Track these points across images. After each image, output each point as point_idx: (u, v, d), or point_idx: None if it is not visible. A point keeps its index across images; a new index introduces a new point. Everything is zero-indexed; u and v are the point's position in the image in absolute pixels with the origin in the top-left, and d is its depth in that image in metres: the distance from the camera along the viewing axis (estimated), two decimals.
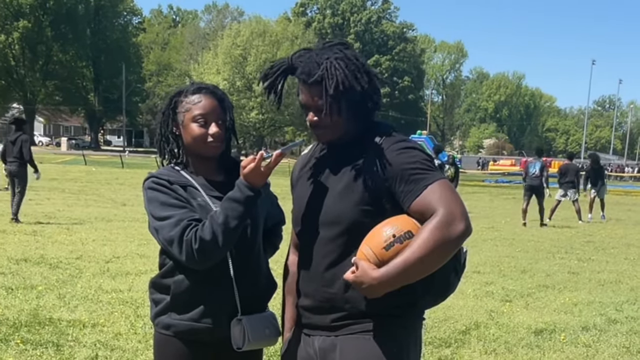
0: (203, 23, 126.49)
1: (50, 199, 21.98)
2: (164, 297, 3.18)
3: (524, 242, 16.87)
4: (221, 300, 3.15)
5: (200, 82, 3.34)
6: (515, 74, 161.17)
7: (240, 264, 3.17)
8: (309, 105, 2.84)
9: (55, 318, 7.67)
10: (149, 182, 3.15)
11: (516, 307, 9.58)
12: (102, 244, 13.39)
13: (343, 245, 2.82)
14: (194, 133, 3.15)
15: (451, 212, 2.59)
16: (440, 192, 2.64)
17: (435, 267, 2.64)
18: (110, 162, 54.60)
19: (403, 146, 2.77)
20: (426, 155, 2.77)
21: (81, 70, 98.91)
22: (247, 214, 2.97)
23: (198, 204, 3.09)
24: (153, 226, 3.06)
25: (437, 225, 2.57)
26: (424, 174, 2.68)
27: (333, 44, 2.87)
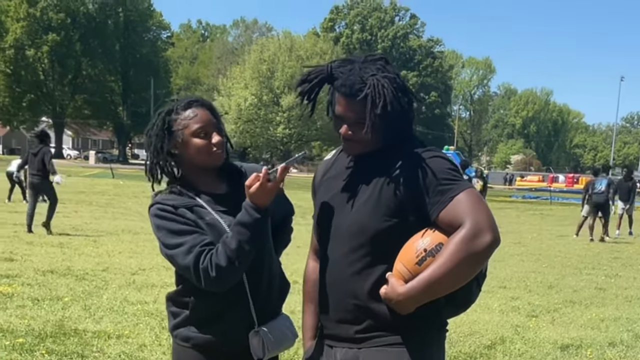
0: (231, 38, 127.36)
1: (78, 211, 22.13)
2: (182, 310, 3.19)
3: (551, 257, 16.76)
4: (238, 314, 3.15)
5: (184, 97, 3.31)
6: (544, 90, 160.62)
7: (255, 273, 3.17)
8: (346, 118, 2.81)
9: (80, 329, 7.70)
10: (154, 210, 3.14)
11: (542, 322, 9.51)
12: (128, 256, 13.46)
13: (367, 256, 2.79)
14: (197, 146, 3.12)
15: (478, 224, 2.56)
16: (467, 203, 2.61)
17: (465, 280, 2.63)
18: (138, 176, 54.69)
19: (429, 156, 2.74)
20: (453, 165, 2.74)
21: (110, 84, 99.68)
22: (258, 235, 2.97)
23: (207, 223, 3.07)
24: (165, 254, 3.06)
25: (463, 238, 2.55)
26: (450, 185, 2.65)
27: (375, 59, 2.84)
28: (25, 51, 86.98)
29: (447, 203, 2.62)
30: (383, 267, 2.76)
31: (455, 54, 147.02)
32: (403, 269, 2.66)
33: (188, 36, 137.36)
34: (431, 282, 2.58)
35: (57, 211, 16.81)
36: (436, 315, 2.82)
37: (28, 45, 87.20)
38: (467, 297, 2.83)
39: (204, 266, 2.90)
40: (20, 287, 9.72)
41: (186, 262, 2.94)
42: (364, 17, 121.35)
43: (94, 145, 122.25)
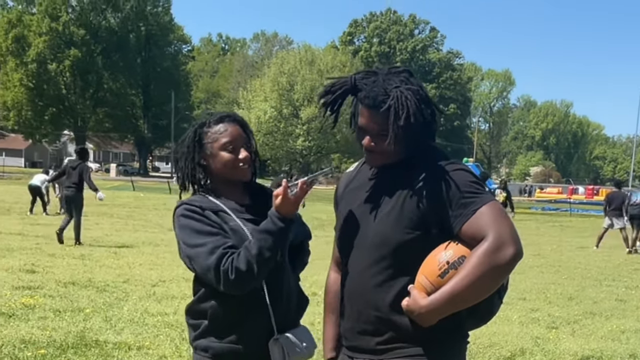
0: (251, 51, 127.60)
1: (99, 224, 22.24)
2: (202, 321, 3.21)
3: (571, 269, 16.70)
4: (258, 322, 3.17)
5: (219, 112, 3.38)
6: (563, 102, 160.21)
7: (274, 286, 3.19)
8: (369, 130, 2.83)
9: (101, 340, 7.75)
10: (180, 210, 3.19)
11: (562, 334, 9.49)
12: (148, 268, 13.53)
13: (389, 268, 2.80)
14: (224, 160, 3.20)
15: (501, 236, 2.57)
16: (490, 216, 2.62)
17: (487, 293, 2.64)
18: (158, 188, 55.02)
19: (453, 169, 2.75)
20: (476, 178, 2.75)
21: (131, 97, 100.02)
22: (280, 244, 3.00)
23: (230, 228, 3.11)
24: (186, 254, 3.09)
25: (485, 252, 2.56)
26: (473, 198, 2.67)
27: (399, 71, 2.86)
28: (48, 65, 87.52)
29: (470, 216, 2.63)
30: (405, 280, 2.77)
31: (475, 67, 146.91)
32: (425, 281, 2.67)
33: (208, 50, 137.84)
34: (454, 295, 2.59)
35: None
36: (458, 327, 2.82)
37: (50, 59, 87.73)
38: (489, 309, 2.83)
39: (225, 268, 2.94)
40: (42, 299, 9.79)
41: (208, 262, 2.97)
42: (382, 30, 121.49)
43: (115, 158, 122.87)
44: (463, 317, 2.77)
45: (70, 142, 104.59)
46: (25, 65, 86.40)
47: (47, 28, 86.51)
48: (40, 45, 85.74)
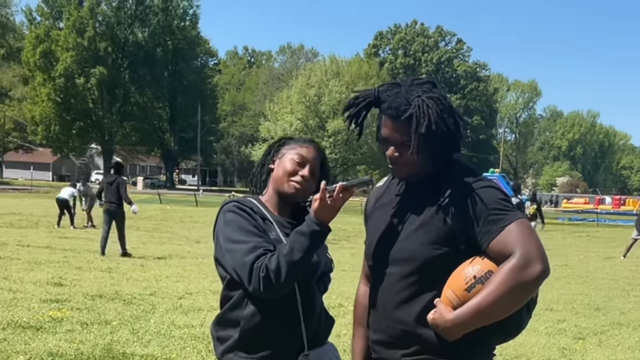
0: (277, 64, 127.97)
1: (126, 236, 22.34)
2: (231, 334, 3.18)
3: (598, 279, 16.61)
4: (290, 337, 3.16)
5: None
6: (590, 112, 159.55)
7: (307, 302, 3.18)
8: (392, 141, 2.83)
9: (128, 353, 7.80)
10: (229, 206, 3.18)
11: (589, 344, 9.44)
12: (175, 280, 13.59)
13: (416, 284, 2.81)
14: (285, 168, 3.21)
15: (528, 253, 2.57)
16: (517, 233, 2.61)
17: (513, 309, 2.63)
18: (185, 201, 55.25)
19: (481, 186, 2.75)
20: (504, 194, 2.75)
21: (158, 111, 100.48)
22: (312, 248, 2.96)
23: (273, 238, 3.10)
24: (225, 248, 3.07)
25: (513, 268, 2.55)
26: (502, 215, 2.66)
27: (422, 82, 2.87)
28: (75, 80, 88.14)
29: (498, 233, 2.63)
30: (431, 294, 2.77)
31: (501, 77, 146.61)
32: (452, 295, 2.67)
33: (234, 63, 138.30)
34: (479, 310, 2.59)
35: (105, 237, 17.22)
36: (484, 340, 2.81)
37: (78, 74, 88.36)
38: (517, 324, 2.82)
39: (258, 266, 2.93)
40: (70, 312, 9.86)
41: (245, 259, 2.96)
42: (407, 42, 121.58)
43: (142, 171, 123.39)
44: (489, 331, 2.74)
45: (98, 156, 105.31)
46: (53, 80, 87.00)
47: (74, 43, 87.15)
48: (67, 60, 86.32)
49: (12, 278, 12.81)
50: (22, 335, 8.35)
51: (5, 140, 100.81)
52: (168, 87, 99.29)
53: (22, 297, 10.89)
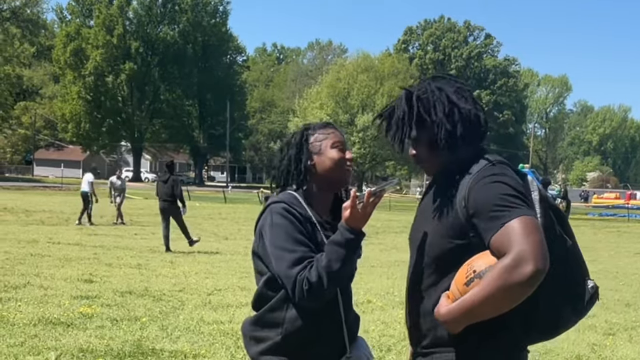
0: (306, 60, 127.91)
1: (155, 233, 22.36)
2: (270, 335, 3.16)
3: (629, 275, 16.48)
4: (332, 338, 3.18)
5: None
6: (621, 106, 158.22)
7: (347, 302, 3.22)
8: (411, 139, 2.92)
9: (157, 349, 7.83)
10: (279, 208, 3.14)
11: (619, 340, 9.37)
12: (204, 276, 13.64)
13: (432, 275, 2.83)
14: (334, 157, 3.23)
15: (520, 253, 2.46)
16: (516, 231, 2.52)
17: (503, 308, 2.56)
18: (214, 197, 55.43)
19: (490, 180, 2.69)
20: (513, 189, 2.64)
21: (187, 108, 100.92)
22: (349, 256, 2.97)
23: (317, 242, 3.11)
24: (272, 253, 3.06)
25: (503, 267, 2.48)
26: (504, 211, 2.58)
27: (440, 76, 2.96)
28: (105, 78, 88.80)
29: (498, 229, 2.56)
30: (445, 286, 2.77)
31: (531, 72, 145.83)
32: (454, 288, 2.68)
33: (263, 59, 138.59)
34: (468, 306, 2.57)
35: (135, 233, 17.40)
36: (497, 332, 2.74)
37: (108, 71, 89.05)
38: (553, 324, 2.79)
39: (301, 278, 2.94)
40: (100, 308, 9.92)
41: (292, 271, 2.97)
42: (437, 37, 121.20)
43: None
44: (507, 322, 2.70)
45: (127, 153, 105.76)
46: (83, 78, 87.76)
47: (104, 41, 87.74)
48: (97, 58, 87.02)
49: (43, 275, 12.90)
50: (53, 332, 8.41)
51: (36, 138, 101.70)
52: (197, 84, 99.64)
53: (53, 293, 10.97)
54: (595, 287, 2.77)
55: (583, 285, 2.75)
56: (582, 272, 2.78)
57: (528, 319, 2.70)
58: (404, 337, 8.78)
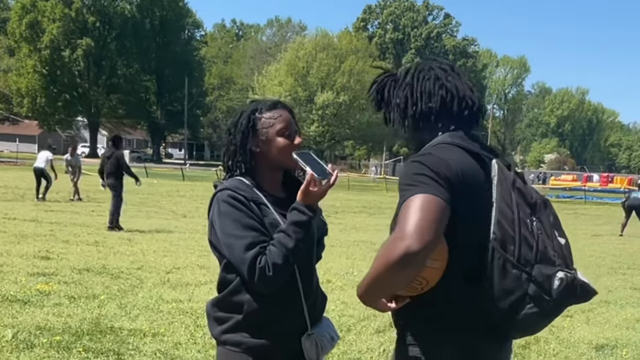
0: (265, 37, 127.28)
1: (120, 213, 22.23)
2: (232, 315, 3.17)
3: (586, 257, 16.63)
4: (293, 317, 3.18)
5: (263, 98, 3.41)
6: (579, 89, 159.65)
7: (307, 281, 3.21)
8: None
9: (116, 327, 7.78)
10: (224, 195, 3.13)
11: (577, 322, 9.46)
12: (162, 255, 13.55)
13: None
14: (280, 145, 3.20)
15: (401, 230, 2.49)
16: (408, 208, 2.54)
17: (390, 285, 2.63)
18: (172, 175, 55.12)
19: (412, 160, 2.74)
20: (428, 169, 2.63)
21: (145, 83, 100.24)
22: (305, 235, 3.01)
23: (270, 223, 3.10)
24: (222, 241, 3.06)
25: (385, 243, 2.55)
26: (407, 190, 2.61)
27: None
28: (61, 52, 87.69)
29: (400, 207, 2.61)
30: None
31: (490, 53, 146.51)
32: None
33: (222, 36, 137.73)
34: (368, 280, 2.64)
35: (92, 210, 17.22)
36: (435, 319, 2.78)
37: (64, 45, 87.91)
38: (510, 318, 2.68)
39: (262, 266, 2.93)
40: (57, 285, 9.82)
41: (245, 256, 2.96)
42: (396, 16, 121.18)
43: (128, 144, 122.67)
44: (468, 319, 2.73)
45: (84, 129, 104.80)
46: (39, 52, 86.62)
47: (60, 14, 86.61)
48: (54, 32, 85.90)
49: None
50: (10, 309, 8.32)
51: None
52: (155, 59, 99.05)
53: (9, 270, 10.85)
54: (568, 278, 2.61)
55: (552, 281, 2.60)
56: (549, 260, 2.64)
57: (488, 315, 2.68)
58: (364, 317, 8.81)
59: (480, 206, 2.68)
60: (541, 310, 2.60)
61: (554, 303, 2.60)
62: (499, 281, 2.60)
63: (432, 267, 2.63)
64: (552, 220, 2.79)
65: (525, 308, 2.60)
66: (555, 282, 2.57)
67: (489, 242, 2.62)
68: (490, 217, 2.66)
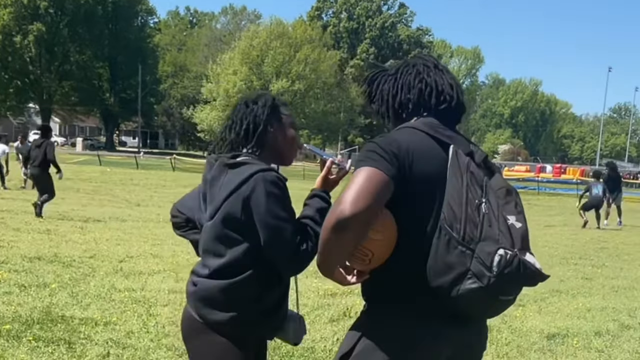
0: (220, 25, 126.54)
1: (65, 198, 21.99)
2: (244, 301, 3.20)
3: (538, 247, 16.76)
4: (287, 303, 3.38)
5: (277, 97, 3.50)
6: (532, 80, 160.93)
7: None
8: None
9: (67, 316, 7.69)
10: (271, 177, 3.16)
11: (529, 311, 9.55)
12: (115, 243, 13.43)
13: None
14: (292, 135, 3.40)
15: (342, 198, 2.65)
16: (352, 180, 2.71)
17: (333, 251, 2.76)
18: (125, 163, 54.71)
19: (369, 142, 2.88)
20: (379, 147, 2.79)
21: (98, 70, 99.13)
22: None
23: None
24: (268, 224, 3.08)
25: (330, 209, 2.75)
26: (357, 165, 2.77)
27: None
28: (13, 37, 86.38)
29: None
30: None
31: (444, 43, 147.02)
32: None
33: (176, 23, 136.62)
34: (319, 245, 2.80)
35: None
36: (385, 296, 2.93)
37: (15, 31, 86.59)
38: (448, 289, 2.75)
39: (304, 249, 3.05)
40: (7, 274, 9.69)
41: (294, 240, 3.04)
42: (351, 5, 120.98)
43: (81, 132, 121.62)
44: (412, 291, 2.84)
45: (36, 116, 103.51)
46: None
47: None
48: (5, 17, 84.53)
49: None
50: None
51: None
52: (108, 46, 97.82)
53: None
54: (509, 255, 2.68)
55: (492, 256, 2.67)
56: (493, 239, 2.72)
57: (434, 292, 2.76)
58: (318, 307, 8.84)
59: (433, 187, 2.79)
60: (483, 285, 2.65)
61: (496, 279, 2.65)
62: (443, 257, 2.69)
63: (375, 239, 2.75)
64: (513, 207, 2.87)
65: (466, 283, 2.67)
66: (496, 258, 2.64)
67: (439, 221, 2.73)
68: (443, 198, 2.77)
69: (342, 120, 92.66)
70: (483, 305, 2.80)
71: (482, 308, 2.83)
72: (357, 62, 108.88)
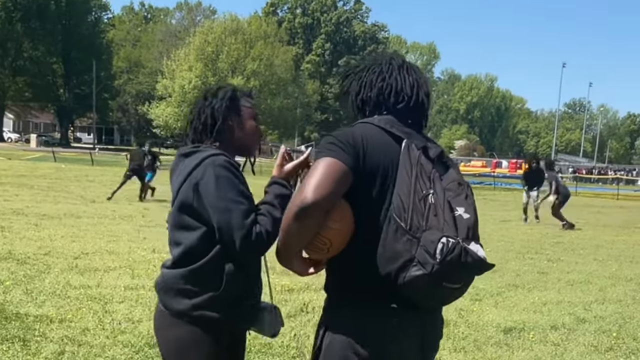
0: (174, 21, 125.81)
1: (19, 195, 21.77)
2: (206, 288, 3.17)
3: (494, 242, 16.92)
4: (258, 291, 3.36)
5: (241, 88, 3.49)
6: (488, 75, 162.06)
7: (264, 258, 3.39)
8: None
9: (22, 313, 7.61)
10: (220, 160, 3.18)
11: (486, 305, 9.62)
12: (70, 240, 13.29)
13: None
14: (253, 128, 3.45)
15: (301, 187, 2.79)
16: (312, 170, 2.83)
17: (294, 238, 2.86)
18: (80, 159, 54.18)
19: (328, 134, 2.99)
20: (336, 139, 2.90)
21: (52, 66, 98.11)
22: (286, 206, 3.06)
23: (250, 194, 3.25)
24: (218, 206, 3.07)
25: (292, 198, 2.87)
26: (316, 157, 2.88)
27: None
28: None
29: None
30: None
31: (400, 39, 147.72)
32: None
33: (130, 18, 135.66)
34: (280, 232, 2.92)
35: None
36: (346, 289, 2.99)
37: None
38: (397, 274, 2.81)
39: (258, 231, 3.03)
40: None
41: (244, 222, 3.03)
42: (305, 0, 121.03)
43: (36, 128, 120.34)
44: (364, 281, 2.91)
45: None
46: None
47: None
48: None
49: None
50: None
51: None
52: (62, 41, 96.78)
53: None
54: (451, 243, 2.71)
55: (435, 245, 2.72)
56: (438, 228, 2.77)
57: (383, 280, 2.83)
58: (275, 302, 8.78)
59: (386, 179, 2.90)
60: (427, 272, 2.71)
61: (439, 266, 2.70)
62: (391, 245, 2.78)
63: (333, 228, 2.84)
64: (463, 199, 2.91)
65: (412, 270, 2.73)
66: (439, 245, 2.70)
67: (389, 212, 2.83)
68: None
69: (299, 116, 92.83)
70: (429, 293, 2.84)
71: (428, 295, 2.86)
72: (313, 58, 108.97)
